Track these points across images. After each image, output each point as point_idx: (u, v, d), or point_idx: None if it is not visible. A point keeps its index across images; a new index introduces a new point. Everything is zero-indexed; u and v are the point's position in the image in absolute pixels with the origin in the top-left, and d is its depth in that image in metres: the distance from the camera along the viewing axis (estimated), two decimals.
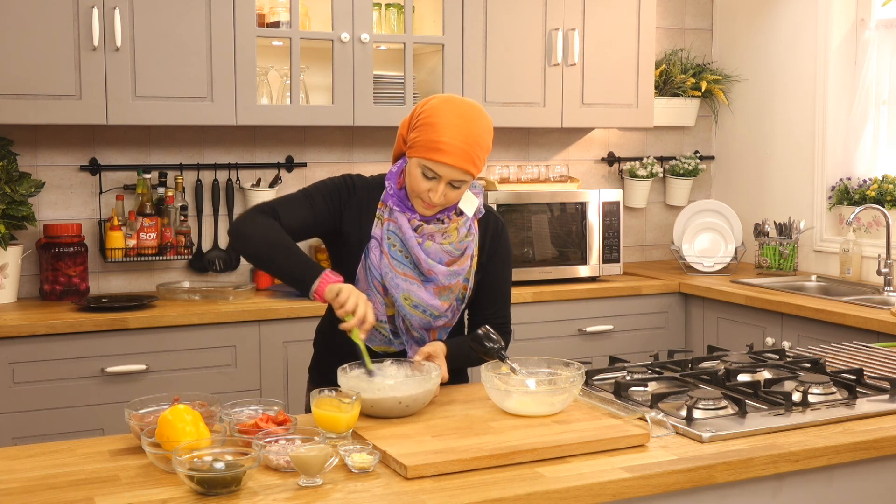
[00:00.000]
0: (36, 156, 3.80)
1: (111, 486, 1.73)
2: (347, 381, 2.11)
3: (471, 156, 2.20)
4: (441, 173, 2.21)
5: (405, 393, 2.07)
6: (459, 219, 2.34)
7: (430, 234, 2.30)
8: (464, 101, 2.26)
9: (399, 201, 2.31)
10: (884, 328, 3.34)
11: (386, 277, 2.29)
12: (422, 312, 2.31)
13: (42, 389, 3.32)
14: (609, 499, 1.77)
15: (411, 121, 2.29)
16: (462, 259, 2.34)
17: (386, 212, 2.32)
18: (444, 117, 2.20)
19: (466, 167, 2.21)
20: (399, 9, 4.03)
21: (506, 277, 2.47)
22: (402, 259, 2.30)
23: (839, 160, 4.43)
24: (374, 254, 2.31)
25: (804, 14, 4.49)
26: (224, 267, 4.04)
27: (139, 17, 3.54)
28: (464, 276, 2.35)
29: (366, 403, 2.07)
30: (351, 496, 1.69)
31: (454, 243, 2.32)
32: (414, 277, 2.30)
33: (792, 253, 4.40)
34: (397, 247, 2.30)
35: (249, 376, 3.58)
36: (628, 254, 4.83)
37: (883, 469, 2.07)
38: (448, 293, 2.33)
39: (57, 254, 3.68)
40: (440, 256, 2.31)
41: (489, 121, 2.27)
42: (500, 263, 2.43)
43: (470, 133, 2.20)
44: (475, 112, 2.24)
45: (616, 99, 4.40)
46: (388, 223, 2.31)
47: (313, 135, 4.20)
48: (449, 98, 2.26)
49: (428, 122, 2.21)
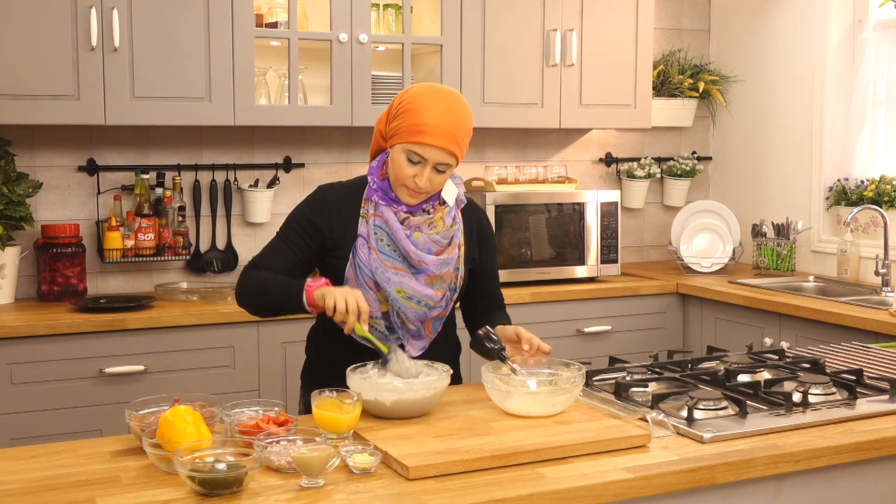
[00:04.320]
0: (34, 156, 3.79)
1: (113, 486, 1.73)
2: (362, 381, 2.12)
3: (455, 137, 2.24)
4: (427, 156, 2.23)
5: (422, 394, 2.09)
6: (444, 208, 2.37)
7: (417, 225, 2.33)
8: (443, 87, 2.32)
9: (383, 193, 2.33)
10: (882, 328, 3.34)
11: (377, 273, 2.30)
12: (416, 304, 2.32)
13: (40, 390, 3.32)
14: (611, 499, 1.77)
15: (389, 113, 2.32)
16: (450, 248, 2.36)
17: (371, 207, 2.34)
18: (425, 102, 2.24)
19: (451, 148, 2.24)
20: (397, 9, 4.03)
21: (495, 264, 2.57)
22: (390, 253, 2.31)
23: (837, 161, 4.43)
24: (362, 251, 2.32)
25: (801, 15, 4.50)
26: (222, 267, 4.03)
27: (137, 17, 3.53)
28: (453, 265, 2.37)
29: (382, 404, 2.08)
30: (353, 497, 1.69)
31: (441, 233, 2.35)
32: (404, 270, 2.31)
33: (789, 253, 4.41)
34: (385, 241, 2.31)
35: (248, 377, 3.58)
36: (626, 254, 4.83)
37: (884, 469, 2.08)
38: (440, 282, 2.35)
39: (54, 254, 3.67)
40: (429, 246, 2.33)
41: (468, 106, 2.32)
42: (490, 254, 2.52)
43: (453, 115, 2.24)
44: (455, 97, 2.29)
45: (614, 99, 4.40)
46: (374, 219, 2.32)
47: (311, 135, 4.20)
48: (429, 85, 2.31)
49: (410, 107, 2.25)
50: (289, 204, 4.15)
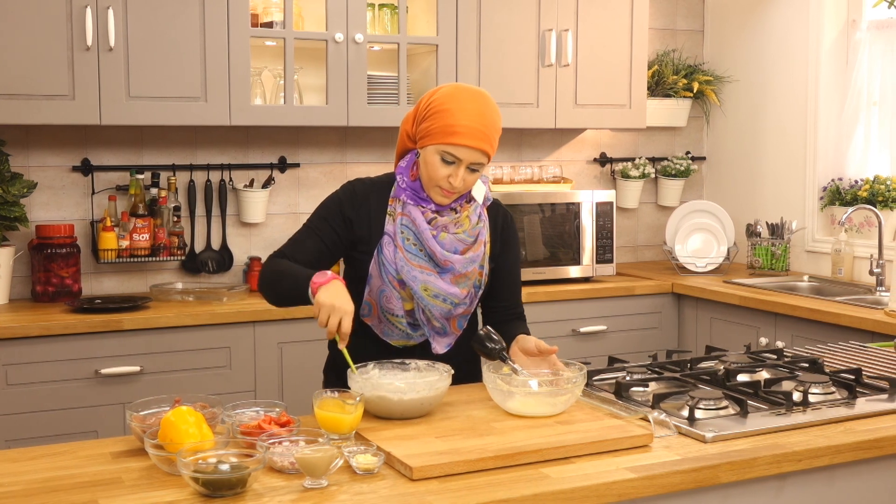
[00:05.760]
0: (28, 156, 3.77)
1: (115, 488, 1.72)
2: (364, 381, 2.11)
3: (487, 136, 2.27)
4: (460, 156, 2.25)
5: (424, 394, 2.09)
6: (469, 206, 2.39)
7: (444, 225, 2.34)
8: (471, 87, 2.34)
9: (413, 193, 2.35)
10: (878, 328, 3.35)
11: (402, 271, 2.31)
12: (442, 301, 2.34)
13: (36, 391, 3.30)
14: (614, 499, 1.77)
15: (417, 114, 2.34)
16: (476, 245, 2.38)
17: (399, 206, 2.36)
18: (456, 102, 2.26)
19: (484, 148, 2.26)
20: (393, 9, 4.02)
21: (518, 268, 2.54)
22: (416, 252, 2.33)
23: (831, 161, 4.44)
24: (387, 249, 2.33)
25: (795, 15, 4.51)
26: (217, 268, 4.02)
27: (133, 16, 3.52)
28: (479, 262, 2.38)
29: (384, 405, 2.08)
30: (357, 497, 1.69)
31: (467, 231, 2.37)
32: (430, 269, 2.33)
33: (784, 253, 4.42)
34: (411, 240, 2.33)
35: (244, 377, 3.57)
36: (620, 254, 4.84)
37: (884, 468, 2.08)
38: (465, 280, 2.36)
39: (49, 255, 3.66)
40: (455, 246, 2.34)
41: (496, 105, 2.34)
42: (512, 254, 2.50)
43: (484, 115, 2.26)
44: (484, 96, 2.31)
45: (609, 100, 4.41)
46: (401, 217, 2.34)
47: (306, 135, 4.19)
48: (457, 85, 2.33)
49: (440, 109, 2.26)
50: (284, 204, 4.15)
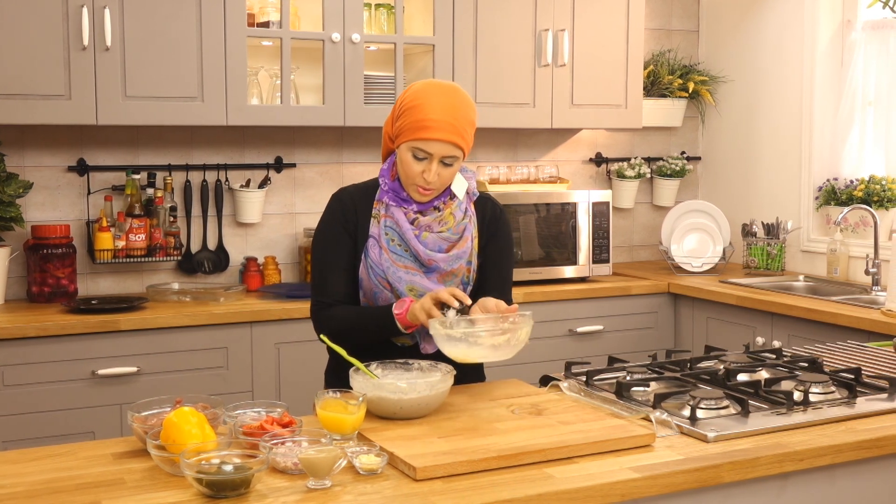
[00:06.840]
0: (23, 156, 3.76)
1: (118, 489, 1.72)
2: (366, 382, 2.11)
3: (458, 129, 2.25)
4: (431, 150, 2.24)
5: (425, 394, 2.09)
6: (453, 202, 2.37)
7: (427, 224, 2.34)
8: (442, 82, 2.33)
9: (395, 194, 2.34)
10: (875, 327, 3.36)
11: (388, 272, 2.31)
12: None
13: (32, 392, 3.29)
14: (618, 499, 1.77)
15: (394, 114, 2.34)
16: (461, 242, 2.36)
17: (382, 208, 2.36)
18: (426, 97, 2.25)
19: (455, 140, 2.25)
20: (389, 9, 4.02)
21: (508, 263, 2.47)
22: (401, 252, 2.33)
23: (826, 161, 4.45)
24: (373, 251, 2.33)
25: (790, 15, 4.52)
26: (213, 268, 4.01)
27: (129, 16, 3.51)
28: (465, 259, 2.37)
29: (386, 405, 2.08)
30: (361, 498, 1.68)
31: (451, 228, 2.35)
32: (416, 269, 2.33)
33: (779, 253, 4.43)
34: (396, 241, 2.33)
35: (241, 378, 3.56)
36: (616, 254, 4.84)
37: (885, 468, 2.08)
38: (452, 278, 2.36)
39: (45, 255, 3.64)
40: (439, 245, 2.34)
41: (470, 98, 2.32)
42: (500, 247, 2.44)
43: (454, 108, 2.25)
44: (455, 89, 2.30)
45: (605, 100, 4.41)
46: (385, 219, 2.34)
47: (303, 135, 4.18)
48: (428, 81, 2.33)
49: (411, 105, 2.26)
50: (280, 204, 4.14)
